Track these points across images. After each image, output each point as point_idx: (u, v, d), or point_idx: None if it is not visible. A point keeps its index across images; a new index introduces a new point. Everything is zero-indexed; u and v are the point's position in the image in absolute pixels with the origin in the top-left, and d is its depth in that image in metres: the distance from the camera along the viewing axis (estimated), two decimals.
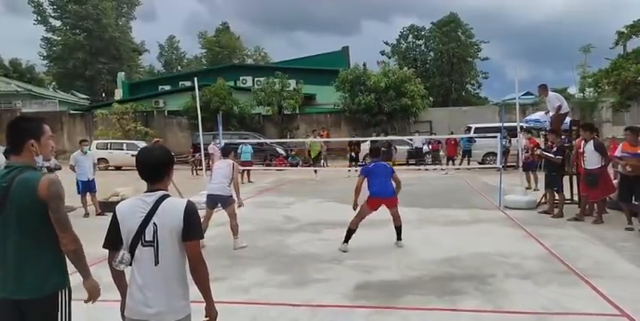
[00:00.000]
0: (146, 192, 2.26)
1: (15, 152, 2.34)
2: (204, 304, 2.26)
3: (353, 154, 18.63)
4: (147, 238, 2.16)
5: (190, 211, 2.20)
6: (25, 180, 2.23)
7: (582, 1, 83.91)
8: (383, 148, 12.47)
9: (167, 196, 2.23)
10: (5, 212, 2.23)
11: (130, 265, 2.20)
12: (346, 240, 6.21)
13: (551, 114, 9.54)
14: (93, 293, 2.48)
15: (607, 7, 76.33)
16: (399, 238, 6.43)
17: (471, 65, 41.34)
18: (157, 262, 2.16)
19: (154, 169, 2.26)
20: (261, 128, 25.54)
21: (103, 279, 4.37)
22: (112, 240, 2.23)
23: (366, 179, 6.16)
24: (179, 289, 2.20)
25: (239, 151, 15.02)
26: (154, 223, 2.16)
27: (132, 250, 2.18)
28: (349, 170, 16.39)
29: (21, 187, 2.21)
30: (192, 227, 2.18)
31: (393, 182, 6.23)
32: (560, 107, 9.16)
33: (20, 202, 2.21)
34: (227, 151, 7.08)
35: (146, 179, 2.28)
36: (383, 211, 6.28)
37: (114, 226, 2.22)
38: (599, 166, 7.50)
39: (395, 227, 6.43)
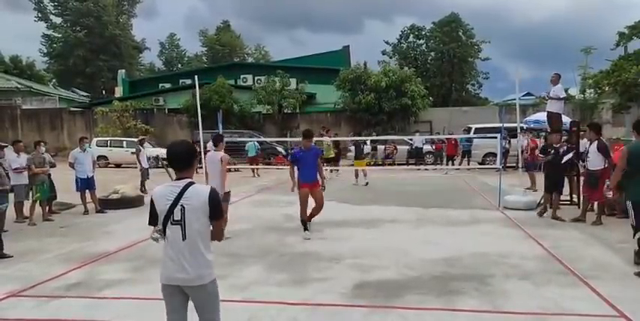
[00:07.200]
0: (175, 180, 2.69)
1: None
2: None
3: None
4: (175, 218, 2.58)
5: (213, 195, 2.64)
6: None
7: (584, 2, 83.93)
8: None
9: (192, 183, 2.64)
10: None
11: (163, 238, 2.63)
12: None
13: (550, 95, 9.91)
14: None
15: (608, 8, 76.33)
16: None
17: (471, 65, 41.22)
18: (184, 238, 2.59)
19: (182, 159, 2.68)
20: (261, 127, 25.51)
21: (102, 276, 4.35)
22: (153, 218, 2.70)
23: None
24: (204, 258, 2.64)
25: (246, 148, 16.80)
26: (182, 206, 2.58)
27: (164, 227, 2.61)
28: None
29: None
30: (216, 209, 2.64)
31: None
32: (558, 98, 9.61)
33: None
34: (217, 141, 6.79)
35: (175, 168, 2.70)
36: (382, 211, 6.27)
37: (152, 207, 2.68)
38: (602, 167, 7.48)
39: None
